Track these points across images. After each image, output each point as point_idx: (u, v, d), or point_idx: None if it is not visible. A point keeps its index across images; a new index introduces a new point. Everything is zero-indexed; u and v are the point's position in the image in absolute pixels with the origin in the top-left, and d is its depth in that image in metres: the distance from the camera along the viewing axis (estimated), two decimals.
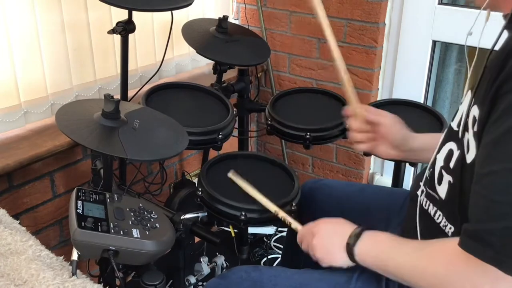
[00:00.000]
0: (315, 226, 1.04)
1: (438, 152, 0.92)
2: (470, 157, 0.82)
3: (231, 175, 1.33)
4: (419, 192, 1.00)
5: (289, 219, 1.18)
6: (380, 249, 0.93)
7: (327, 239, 1.01)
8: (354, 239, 0.96)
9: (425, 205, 0.97)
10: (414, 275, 0.86)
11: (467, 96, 0.88)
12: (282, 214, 1.20)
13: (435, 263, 0.82)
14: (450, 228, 0.88)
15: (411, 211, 1.02)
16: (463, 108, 0.90)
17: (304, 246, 1.07)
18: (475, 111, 0.82)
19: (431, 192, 0.94)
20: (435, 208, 0.93)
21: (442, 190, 0.90)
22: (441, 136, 0.98)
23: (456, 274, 0.78)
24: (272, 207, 1.23)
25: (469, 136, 0.83)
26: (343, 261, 0.98)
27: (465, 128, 0.84)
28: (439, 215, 0.92)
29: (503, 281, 0.73)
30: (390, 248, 0.92)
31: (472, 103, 0.84)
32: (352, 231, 0.97)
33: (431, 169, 0.95)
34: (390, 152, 1.17)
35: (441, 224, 0.91)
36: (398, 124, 1.16)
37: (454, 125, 0.90)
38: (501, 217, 0.72)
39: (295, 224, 1.16)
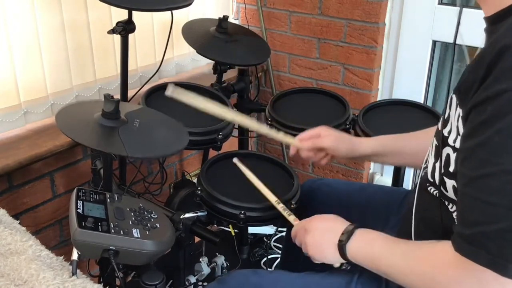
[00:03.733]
0: (308, 223, 1.04)
1: (436, 160, 0.92)
2: None
3: (236, 161, 1.33)
4: (429, 189, 0.99)
5: (287, 213, 1.18)
6: (372, 248, 0.93)
7: (320, 236, 1.00)
8: (346, 237, 0.95)
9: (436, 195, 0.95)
10: (405, 276, 0.86)
11: (454, 100, 0.87)
12: (281, 206, 1.20)
13: (428, 265, 0.82)
14: None
15: (422, 197, 1.01)
16: (449, 112, 0.90)
17: (297, 242, 1.07)
18: (460, 112, 0.82)
19: (439, 193, 0.93)
20: (446, 202, 0.92)
21: (450, 193, 0.89)
22: (431, 144, 0.97)
23: (450, 278, 0.78)
24: (272, 198, 1.22)
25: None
26: (335, 258, 0.98)
27: (458, 132, 0.84)
28: (452, 206, 0.91)
29: (498, 284, 0.73)
30: (382, 248, 0.91)
31: (458, 106, 0.84)
32: (345, 228, 0.97)
33: (432, 179, 0.94)
34: (345, 159, 1.26)
35: (454, 214, 0.90)
36: (337, 141, 1.24)
37: (445, 131, 0.90)
38: (496, 220, 0.71)
39: (292, 218, 1.16)
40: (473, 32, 0.91)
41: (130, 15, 1.50)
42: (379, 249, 0.92)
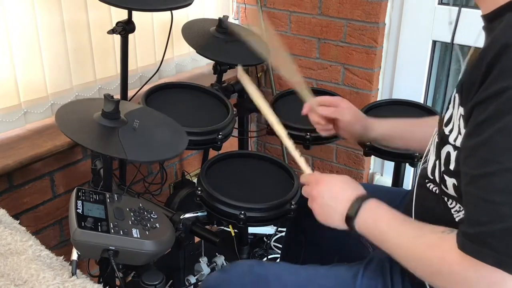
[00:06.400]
0: (320, 183, 1.00)
1: (437, 158, 0.92)
2: None
3: (240, 68, 1.24)
4: (428, 185, 0.98)
5: (298, 153, 1.09)
6: (380, 227, 0.91)
7: (328, 203, 0.97)
8: (354, 212, 0.93)
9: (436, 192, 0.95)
10: (410, 260, 0.85)
11: (456, 99, 0.87)
12: (291, 144, 1.12)
13: (435, 256, 0.81)
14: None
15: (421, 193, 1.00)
16: (451, 111, 0.90)
17: (304, 194, 1.03)
18: (462, 111, 0.82)
19: (439, 190, 0.93)
20: (446, 198, 0.92)
21: (450, 190, 0.89)
22: (432, 142, 0.97)
23: (455, 275, 0.78)
24: (282, 131, 1.14)
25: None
26: (341, 227, 0.96)
27: (459, 130, 0.84)
28: (452, 202, 0.91)
29: (505, 282, 0.73)
30: (390, 228, 0.90)
31: (459, 104, 0.84)
32: (353, 201, 0.94)
33: (432, 176, 0.94)
34: (352, 139, 1.27)
35: (453, 210, 0.90)
36: (355, 119, 1.22)
37: (447, 130, 0.90)
38: (501, 219, 0.71)
39: (304, 163, 1.08)
40: (473, 31, 0.91)
41: (130, 15, 1.50)
42: (386, 229, 0.90)
